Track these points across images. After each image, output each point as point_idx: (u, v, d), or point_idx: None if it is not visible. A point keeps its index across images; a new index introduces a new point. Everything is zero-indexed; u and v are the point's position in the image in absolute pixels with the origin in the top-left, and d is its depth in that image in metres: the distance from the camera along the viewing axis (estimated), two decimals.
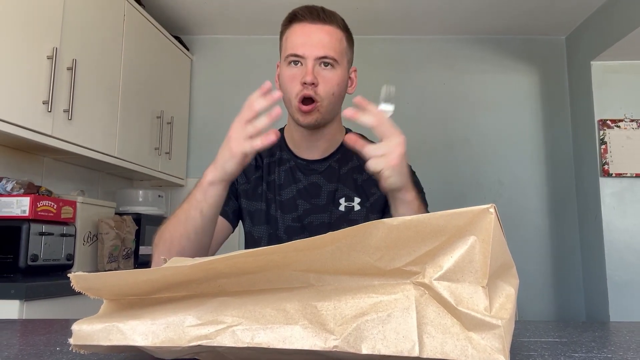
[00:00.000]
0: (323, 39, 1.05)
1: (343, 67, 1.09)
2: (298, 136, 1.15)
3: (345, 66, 1.11)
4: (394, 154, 0.83)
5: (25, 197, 1.83)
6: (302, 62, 1.05)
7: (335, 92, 1.07)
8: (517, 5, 2.86)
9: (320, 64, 1.05)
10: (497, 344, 0.43)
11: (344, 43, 1.10)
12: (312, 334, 0.44)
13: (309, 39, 1.05)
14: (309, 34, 1.06)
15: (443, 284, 0.45)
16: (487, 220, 0.44)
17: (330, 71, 1.06)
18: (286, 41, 1.09)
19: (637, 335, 0.69)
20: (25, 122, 1.80)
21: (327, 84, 1.05)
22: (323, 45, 1.05)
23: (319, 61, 1.05)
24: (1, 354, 0.56)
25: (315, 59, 1.04)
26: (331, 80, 1.06)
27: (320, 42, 1.05)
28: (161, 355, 0.49)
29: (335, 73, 1.06)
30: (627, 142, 2.84)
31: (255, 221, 1.14)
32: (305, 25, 1.07)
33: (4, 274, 1.78)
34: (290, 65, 1.07)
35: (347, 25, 1.14)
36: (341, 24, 1.11)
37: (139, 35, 2.61)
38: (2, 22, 1.71)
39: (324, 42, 1.05)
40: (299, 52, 1.05)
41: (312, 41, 1.05)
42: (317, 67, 1.05)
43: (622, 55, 2.81)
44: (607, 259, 2.76)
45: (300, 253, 0.46)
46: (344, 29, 1.12)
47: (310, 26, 1.07)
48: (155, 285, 0.49)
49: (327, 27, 1.07)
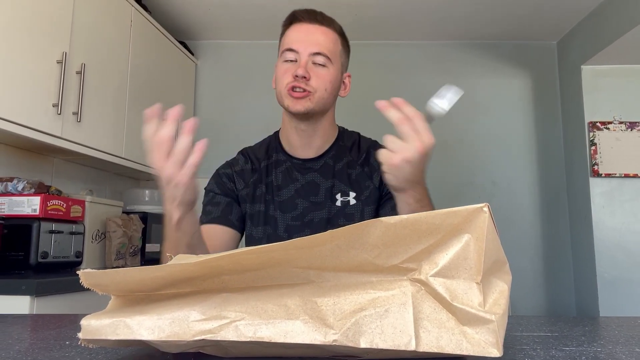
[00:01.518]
0: (319, 38, 1.07)
1: (336, 68, 1.09)
2: (292, 136, 1.14)
3: (339, 68, 1.11)
4: (398, 155, 0.77)
5: (36, 197, 1.83)
6: (297, 57, 1.06)
7: (327, 88, 1.07)
8: (509, 11, 2.86)
9: (314, 62, 1.06)
10: (490, 338, 0.43)
11: (339, 46, 1.11)
12: (312, 329, 0.44)
13: (305, 36, 1.07)
14: (305, 32, 1.07)
15: (439, 280, 0.45)
16: (481, 219, 0.44)
17: (322, 69, 1.06)
18: (284, 39, 1.11)
19: (625, 330, 0.69)
20: (36, 124, 1.80)
21: (319, 79, 1.05)
22: (318, 43, 1.06)
23: (313, 57, 1.05)
24: (13, 347, 0.56)
25: (309, 55, 1.05)
26: (323, 77, 1.06)
27: (315, 40, 1.06)
28: (167, 349, 0.49)
29: (328, 71, 1.07)
30: (616, 143, 2.84)
31: (254, 223, 1.13)
32: (303, 25, 1.09)
33: (15, 271, 1.78)
34: (286, 62, 1.07)
35: (345, 33, 1.14)
36: (338, 29, 1.12)
37: (146, 40, 2.61)
38: (14, 29, 1.71)
39: (319, 40, 1.07)
40: (294, 47, 1.06)
41: (307, 38, 1.06)
42: (311, 64, 1.05)
43: (611, 60, 2.81)
44: (596, 257, 2.76)
45: (300, 251, 0.46)
46: (340, 34, 1.12)
47: (307, 26, 1.08)
48: (161, 281, 0.49)
49: (324, 28, 1.08)
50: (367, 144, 1.19)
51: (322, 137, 1.14)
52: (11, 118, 1.70)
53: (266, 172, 1.15)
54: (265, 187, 1.14)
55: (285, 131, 1.16)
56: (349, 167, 1.15)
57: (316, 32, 1.07)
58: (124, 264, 2.33)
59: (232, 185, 1.15)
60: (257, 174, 1.16)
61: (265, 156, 1.17)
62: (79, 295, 1.67)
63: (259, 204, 1.13)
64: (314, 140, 1.13)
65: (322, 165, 1.14)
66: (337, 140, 1.17)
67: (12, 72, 1.71)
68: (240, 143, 1.30)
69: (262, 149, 1.20)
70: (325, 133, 1.15)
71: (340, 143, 1.17)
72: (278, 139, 1.19)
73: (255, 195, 1.14)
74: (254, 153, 1.19)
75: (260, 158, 1.17)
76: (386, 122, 0.79)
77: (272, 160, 1.16)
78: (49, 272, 1.83)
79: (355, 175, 1.14)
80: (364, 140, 1.21)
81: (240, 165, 1.18)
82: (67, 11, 1.98)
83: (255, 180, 1.15)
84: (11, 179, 1.89)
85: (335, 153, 1.16)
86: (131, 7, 2.47)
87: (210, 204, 1.14)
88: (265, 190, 1.14)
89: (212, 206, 1.13)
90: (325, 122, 1.14)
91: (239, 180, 1.15)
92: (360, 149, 1.18)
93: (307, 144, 1.14)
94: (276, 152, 1.17)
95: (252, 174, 1.16)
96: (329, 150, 1.15)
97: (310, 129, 1.12)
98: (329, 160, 1.15)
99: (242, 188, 1.15)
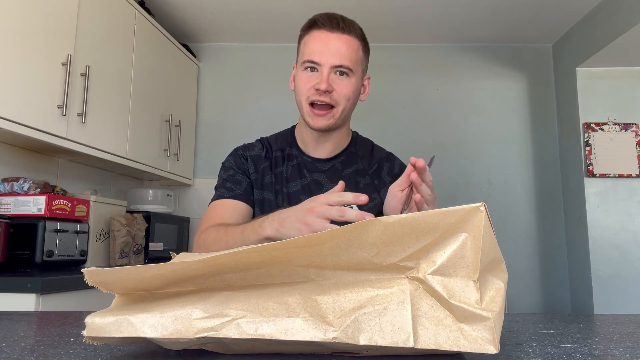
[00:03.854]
0: (340, 48, 1.03)
1: (357, 76, 1.07)
2: (307, 136, 1.14)
3: (360, 75, 1.09)
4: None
5: (41, 196, 1.83)
6: (318, 68, 1.03)
7: (350, 98, 1.05)
8: (506, 14, 2.86)
9: (336, 72, 1.03)
10: (487, 335, 0.43)
11: (360, 53, 1.08)
12: (312, 326, 0.44)
13: (326, 47, 1.03)
14: (326, 42, 1.04)
15: (436, 278, 0.45)
16: (477, 218, 0.44)
17: (344, 79, 1.04)
18: (304, 46, 1.07)
19: (619, 327, 0.69)
20: (41, 125, 1.80)
21: (341, 92, 1.04)
22: (340, 55, 1.03)
23: (335, 69, 1.03)
24: (19, 344, 0.56)
25: (331, 67, 1.02)
26: (345, 88, 1.04)
27: (337, 51, 1.03)
28: (170, 346, 0.49)
29: (350, 82, 1.05)
30: (611, 144, 2.84)
31: (266, 210, 1.12)
32: (323, 33, 1.05)
33: (21, 269, 1.78)
34: (307, 70, 1.05)
35: (365, 35, 1.11)
36: (359, 33, 1.08)
37: (149, 43, 2.61)
38: (20, 31, 1.71)
39: (341, 51, 1.03)
40: (316, 59, 1.03)
41: (329, 49, 1.03)
42: (332, 75, 1.03)
43: (606, 62, 2.81)
44: (591, 255, 2.76)
45: (301, 249, 0.46)
46: (361, 39, 1.09)
47: (328, 34, 1.04)
48: (164, 280, 0.49)
49: (345, 37, 1.05)
50: (380, 155, 1.18)
51: (335, 142, 1.14)
52: (17, 119, 1.70)
53: (277, 162, 1.15)
54: (274, 177, 1.13)
55: (301, 131, 1.16)
56: (358, 175, 1.14)
57: (338, 42, 1.03)
58: (127, 262, 2.33)
59: (247, 167, 1.15)
60: (268, 161, 1.15)
61: (280, 148, 1.17)
62: (83, 293, 1.67)
63: (268, 192, 1.13)
64: (326, 144, 1.14)
65: (330, 168, 1.14)
66: (349, 146, 1.17)
67: (18, 75, 1.70)
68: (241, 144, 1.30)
69: (278, 140, 1.20)
70: (338, 139, 1.15)
71: (352, 150, 1.17)
72: (293, 134, 1.19)
73: (263, 182, 1.13)
74: (270, 143, 1.19)
75: (275, 148, 1.17)
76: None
77: (286, 153, 1.16)
78: (54, 270, 1.83)
79: (363, 185, 1.13)
80: (377, 150, 1.20)
81: (256, 151, 1.17)
82: (71, 14, 1.98)
83: (264, 168, 1.14)
84: (17, 179, 1.89)
85: (345, 159, 1.15)
86: (135, 11, 2.47)
87: (231, 181, 1.14)
88: (274, 180, 1.13)
89: (234, 183, 1.13)
90: (341, 130, 1.14)
91: (252, 165, 1.15)
92: (372, 158, 1.17)
93: (319, 146, 1.14)
94: (290, 146, 1.17)
95: (263, 161, 1.15)
96: (339, 155, 1.15)
97: (326, 135, 1.12)
98: (338, 164, 1.14)
99: (252, 172, 1.15)
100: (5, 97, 1.65)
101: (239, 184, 1.13)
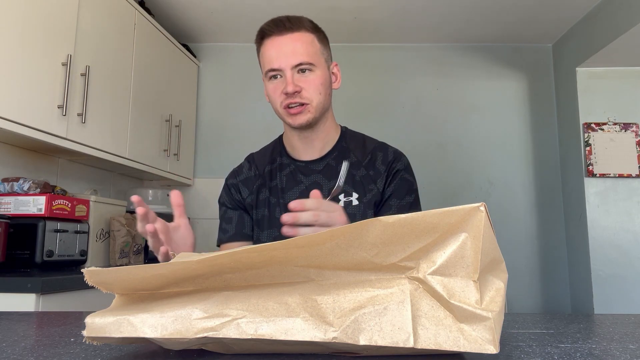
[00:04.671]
0: (294, 47, 1.04)
1: (322, 67, 1.07)
2: (295, 140, 1.14)
3: (324, 65, 1.09)
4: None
5: (41, 196, 1.83)
6: (281, 74, 1.05)
7: (321, 91, 1.06)
8: (506, 15, 2.86)
9: (299, 71, 1.04)
10: (487, 335, 0.43)
11: (317, 44, 1.08)
12: (312, 326, 0.44)
13: (280, 50, 1.04)
14: (279, 46, 1.05)
15: (436, 278, 0.45)
16: (477, 218, 0.44)
17: (309, 75, 1.05)
18: (262, 58, 1.09)
19: (619, 327, 0.69)
20: (41, 125, 1.80)
21: (309, 88, 1.04)
22: (296, 53, 1.03)
23: (296, 69, 1.04)
24: (19, 344, 0.56)
25: (292, 68, 1.03)
26: (313, 83, 1.05)
27: (292, 50, 1.04)
28: (170, 346, 0.49)
29: (316, 75, 1.05)
30: (611, 144, 2.84)
31: (261, 227, 1.13)
32: (274, 39, 1.06)
33: (21, 269, 1.78)
34: (272, 79, 1.07)
35: (317, 25, 1.11)
36: (309, 26, 1.08)
37: (149, 43, 2.61)
38: (20, 31, 1.71)
39: (295, 49, 1.04)
40: (275, 66, 1.04)
41: (284, 52, 1.04)
42: (297, 75, 1.04)
43: (606, 62, 2.81)
44: (591, 255, 2.76)
45: (301, 249, 0.46)
46: (314, 30, 1.09)
47: (279, 38, 1.05)
48: (164, 280, 0.49)
49: (296, 34, 1.05)
50: (373, 145, 1.18)
51: (324, 137, 1.14)
52: (17, 119, 1.70)
53: (270, 176, 1.16)
54: (269, 191, 1.14)
55: (288, 137, 1.17)
56: (352, 168, 1.14)
57: (290, 42, 1.04)
58: (127, 262, 2.33)
59: (239, 196, 1.17)
60: (261, 179, 1.16)
61: (270, 160, 1.18)
62: (83, 293, 1.67)
63: (263, 209, 1.14)
64: (315, 142, 1.14)
65: (325, 167, 1.14)
66: (340, 141, 1.17)
67: (18, 75, 1.70)
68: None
69: (267, 153, 1.20)
70: (326, 133, 1.14)
71: (343, 144, 1.17)
72: (282, 143, 1.19)
73: (258, 200, 1.14)
74: (259, 158, 1.20)
75: (265, 163, 1.18)
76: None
77: (277, 164, 1.17)
78: (54, 270, 1.83)
79: (359, 177, 1.13)
80: (369, 141, 1.20)
81: (245, 173, 1.19)
82: (71, 14, 1.98)
83: (258, 186, 1.15)
84: (17, 179, 1.89)
85: (337, 154, 1.15)
86: (135, 11, 2.47)
87: (225, 220, 1.17)
88: (269, 194, 1.14)
89: (226, 223, 1.16)
90: (326, 122, 1.14)
91: (244, 189, 1.16)
92: (365, 149, 1.17)
93: (309, 147, 1.14)
94: (280, 156, 1.17)
95: (255, 180, 1.16)
96: (331, 152, 1.15)
97: (312, 133, 1.12)
98: (331, 161, 1.14)
99: (247, 196, 1.16)
100: (5, 97, 1.65)
101: (230, 222, 1.16)
